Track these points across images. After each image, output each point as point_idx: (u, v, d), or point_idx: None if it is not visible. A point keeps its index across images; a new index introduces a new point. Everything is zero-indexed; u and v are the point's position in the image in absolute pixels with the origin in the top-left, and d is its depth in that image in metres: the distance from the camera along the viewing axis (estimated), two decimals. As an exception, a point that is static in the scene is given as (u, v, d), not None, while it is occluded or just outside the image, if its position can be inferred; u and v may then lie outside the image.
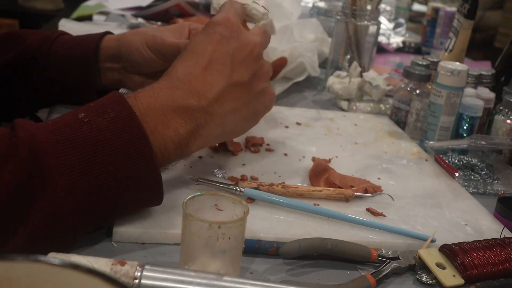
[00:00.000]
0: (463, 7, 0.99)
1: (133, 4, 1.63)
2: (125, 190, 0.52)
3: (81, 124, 0.51)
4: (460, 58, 1.02)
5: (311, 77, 1.19)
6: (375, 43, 1.16)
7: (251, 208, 0.51)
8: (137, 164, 0.52)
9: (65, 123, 0.51)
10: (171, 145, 0.56)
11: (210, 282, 0.46)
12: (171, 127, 0.56)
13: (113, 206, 0.53)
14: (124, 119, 0.52)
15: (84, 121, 0.51)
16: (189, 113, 0.58)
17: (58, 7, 2.65)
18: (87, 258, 0.48)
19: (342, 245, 0.57)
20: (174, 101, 0.57)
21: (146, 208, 0.58)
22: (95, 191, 0.50)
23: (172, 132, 0.56)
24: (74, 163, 0.49)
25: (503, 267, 0.57)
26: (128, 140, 0.52)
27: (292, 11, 1.32)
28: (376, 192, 0.71)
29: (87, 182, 0.49)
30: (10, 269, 0.28)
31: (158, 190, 0.55)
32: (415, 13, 2.35)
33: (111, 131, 0.51)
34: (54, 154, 0.48)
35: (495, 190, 0.80)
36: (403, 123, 0.99)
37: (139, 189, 0.53)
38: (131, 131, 0.52)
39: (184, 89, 0.59)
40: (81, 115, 0.52)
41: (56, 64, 0.78)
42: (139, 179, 0.52)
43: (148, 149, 0.53)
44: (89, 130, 0.51)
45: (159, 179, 0.54)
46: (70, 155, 0.49)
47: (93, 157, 0.50)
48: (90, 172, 0.50)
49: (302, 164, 0.77)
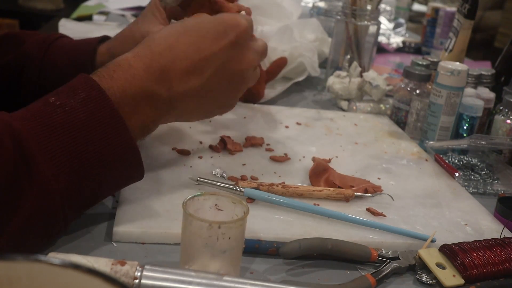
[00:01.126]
0: (463, 7, 0.99)
1: (133, 4, 1.63)
2: (107, 168, 0.53)
3: (54, 108, 0.52)
4: (460, 58, 1.02)
5: (311, 77, 1.19)
6: (375, 43, 1.16)
7: (251, 208, 0.51)
8: (115, 142, 0.53)
9: (38, 109, 0.52)
10: (137, 130, 0.58)
11: (210, 282, 0.46)
12: (140, 114, 0.57)
13: (98, 186, 0.54)
14: (95, 99, 0.53)
15: (56, 104, 0.52)
16: (156, 102, 0.59)
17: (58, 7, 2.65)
18: (87, 258, 0.48)
19: (342, 245, 0.57)
20: (147, 88, 0.57)
21: (130, 183, 0.58)
22: (79, 172, 0.51)
23: (139, 119, 0.57)
24: (55, 148, 0.50)
25: (503, 267, 0.57)
26: (102, 119, 0.53)
27: (292, 11, 1.31)
28: (376, 192, 0.71)
29: (70, 165, 0.50)
30: (10, 269, 0.28)
31: (138, 165, 0.56)
32: (415, 13, 2.35)
33: (85, 112, 0.52)
34: (34, 142, 0.49)
35: (495, 190, 0.80)
36: (403, 123, 0.99)
37: (120, 165, 0.54)
38: (104, 111, 0.53)
39: (158, 77, 0.58)
40: (52, 99, 0.52)
41: (52, 69, 0.78)
42: (120, 156, 0.54)
43: (123, 126, 0.54)
44: (63, 113, 0.51)
45: (138, 153, 0.55)
46: (49, 140, 0.50)
47: (71, 140, 0.51)
48: (72, 155, 0.50)
49: (302, 164, 0.77)
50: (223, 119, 0.90)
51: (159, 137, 0.79)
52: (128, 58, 0.58)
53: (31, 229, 0.49)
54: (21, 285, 0.28)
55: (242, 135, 0.83)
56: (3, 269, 0.28)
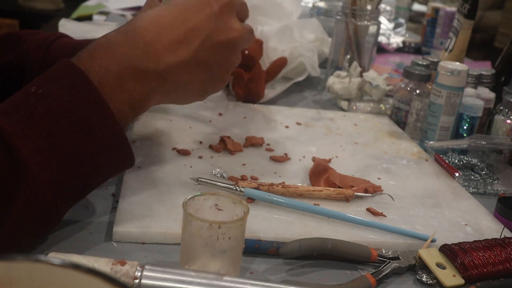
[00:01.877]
0: (463, 7, 0.99)
1: (133, 4, 1.63)
2: (95, 157, 0.52)
3: (36, 97, 0.50)
4: (460, 58, 1.02)
5: (311, 77, 1.19)
6: (375, 43, 1.16)
7: (251, 208, 0.51)
8: (101, 129, 0.52)
9: (20, 101, 0.50)
10: (127, 108, 0.56)
11: (210, 282, 0.46)
12: (127, 91, 0.56)
13: (88, 175, 0.53)
14: (79, 85, 0.52)
15: (38, 93, 0.50)
16: (144, 77, 0.57)
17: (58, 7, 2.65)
18: (87, 258, 0.48)
19: (342, 245, 0.57)
20: (131, 63, 0.56)
21: (121, 172, 0.58)
22: (67, 163, 0.50)
23: (127, 96, 0.56)
24: (39, 139, 0.48)
25: (503, 267, 0.57)
26: (87, 106, 0.51)
27: (292, 11, 1.31)
28: (376, 192, 0.71)
29: (57, 156, 0.49)
30: (10, 269, 0.28)
31: (128, 151, 0.55)
32: (415, 13, 2.35)
33: (67, 100, 0.51)
34: (18, 136, 0.48)
35: (495, 190, 0.80)
36: (403, 123, 0.99)
37: (108, 153, 0.53)
38: (88, 97, 0.51)
39: (143, 50, 0.57)
40: (33, 88, 0.51)
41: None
42: (106, 143, 0.53)
43: (109, 112, 0.52)
44: (46, 102, 0.50)
45: (126, 140, 0.54)
46: (33, 132, 0.48)
47: (56, 130, 0.49)
48: (58, 146, 0.49)
49: (302, 164, 0.77)
50: (223, 119, 0.90)
51: (159, 137, 0.79)
52: (109, 36, 0.57)
53: (24, 225, 0.48)
54: (21, 285, 0.28)
55: (242, 135, 0.83)
56: (3, 269, 0.28)
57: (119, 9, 1.62)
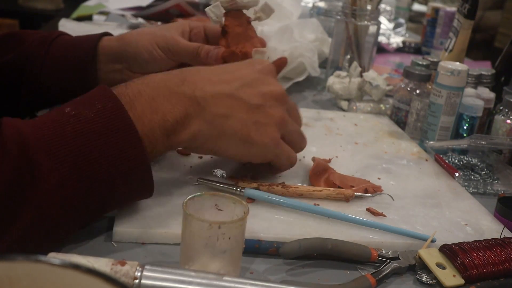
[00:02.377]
0: (463, 7, 0.99)
1: (133, 4, 1.63)
2: (115, 182, 0.51)
3: (68, 117, 0.50)
4: (460, 58, 1.02)
5: (311, 77, 1.19)
6: (375, 43, 1.16)
7: (251, 208, 0.51)
8: (127, 154, 0.51)
9: (52, 118, 0.51)
10: (158, 131, 0.55)
11: (210, 282, 0.46)
12: (159, 112, 0.55)
13: (104, 199, 0.52)
14: (110, 110, 0.51)
15: (71, 114, 0.51)
16: (178, 98, 0.56)
17: (58, 7, 2.65)
18: (87, 258, 0.48)
19: (342, 245, 0.57)
20: (166, 87, 0.56)
21: (137, 200, 0.58)
22: (86, 184, 0.49)
23: (159, 117, 0.55)
24: (63, 157, 0.48)
25: (503, 267, 0.57)
26: (116, 131, 0.51)
27: (292, 11, 1.32)
28: (376, 192, 0.71)
29: (77, 176, 0.49)
30: (10, 269, 0.28)
31: (149, 181, 0.55)
32: (415, 13, 2.35)
33: (99, 123, 0.51)
34: (42, 150, 0.48)
35: (495, 190, 0.80)
36: (403, 123, 0.99)
37: (130, 180, 0.52)
38: (118, 122, 0.51)
39: (180, 78, 0.58)
40: (67, 109, 0.51)
41: (53, 66, 0.78)
42: (130, 170, 0.52)
43: (137, 139, 0.52)
44: (77, 123, 0.50)
45: (149, 169, 0.54)
46: (58, 149, 0.48)
47: (82, 150, 0.49)
48: (80, 166, 0.49)
49: (302, 164, 0.77)
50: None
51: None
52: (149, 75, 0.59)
53: (31, 239, 0.48)
54: (21, 285, 0.28)
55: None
56: (3, 269, 0.28)
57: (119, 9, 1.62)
